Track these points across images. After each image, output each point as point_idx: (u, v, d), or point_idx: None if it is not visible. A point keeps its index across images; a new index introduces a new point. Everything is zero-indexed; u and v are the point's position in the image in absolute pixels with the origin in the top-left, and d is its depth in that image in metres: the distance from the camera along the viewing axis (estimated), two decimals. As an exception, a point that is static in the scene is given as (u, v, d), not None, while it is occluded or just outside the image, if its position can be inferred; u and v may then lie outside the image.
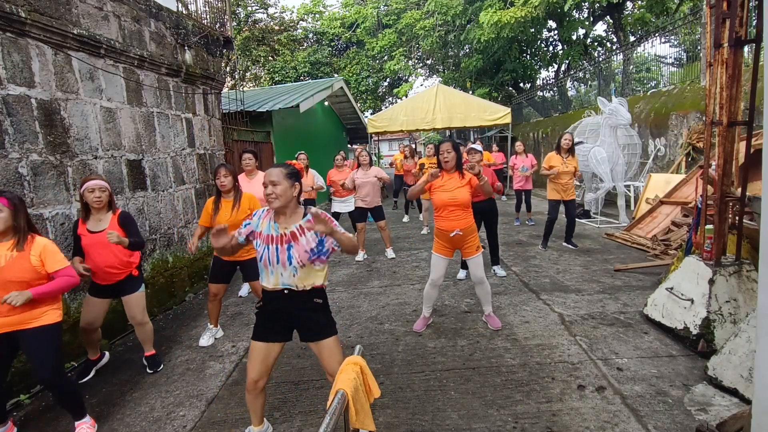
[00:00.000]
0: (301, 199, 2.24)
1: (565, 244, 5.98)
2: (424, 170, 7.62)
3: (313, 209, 2.09)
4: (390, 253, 6.16)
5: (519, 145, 7.89)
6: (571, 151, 5.76)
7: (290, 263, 2.07)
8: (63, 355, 3.16)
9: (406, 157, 9.15)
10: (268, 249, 2.09)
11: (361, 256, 6.08)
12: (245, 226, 2.21)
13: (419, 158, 9.64)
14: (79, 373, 3.24)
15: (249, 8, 18.68)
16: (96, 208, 2.96)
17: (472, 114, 11.26)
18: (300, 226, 2.11)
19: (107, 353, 3.49)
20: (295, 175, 2.12)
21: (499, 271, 4.98)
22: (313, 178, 6.06)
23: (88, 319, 3.10)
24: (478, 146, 4.68)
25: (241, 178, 4.55)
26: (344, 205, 6.66)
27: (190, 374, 3.21)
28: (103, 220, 2.99)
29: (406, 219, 9.14)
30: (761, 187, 1.68)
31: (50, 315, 2.36)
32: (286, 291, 2.12)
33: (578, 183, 7.34)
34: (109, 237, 2.81)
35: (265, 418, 2.39)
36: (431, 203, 3.64)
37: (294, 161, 3.38)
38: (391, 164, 10.75)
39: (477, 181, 3.42)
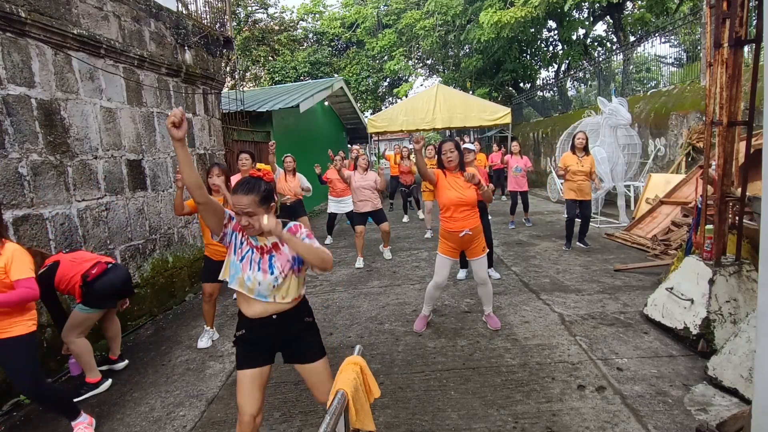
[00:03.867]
0: (289, 201, 2.06)
1: (578, 243, 5.98)
2: None
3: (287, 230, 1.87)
4: (387, 253, 6.12)
5: (515, 146, 7.79)
6: (586, 149, 5.79)
7: (271, 273, 1.88)
8: (57, 353, 3.17)
9: (403, 158, 9.12)
10: (252, 252, 1.90)
11: (360, 262, 5.88)
12: (228, 213, 1.94)
13: None
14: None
15: (249, 8, 18.67)
16: None
17: (472, 114, 11.24)
18: None
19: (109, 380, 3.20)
20: (268, 197, 1.87)
21: (494, 273, 4.95)
22: (299, 182, 5.81)
23: None
24: (471, 146, 4.64)
25: (238, 178, 4.53)
26: (340, 206, 6.61)
27: (190, 374, 3.21)
28: None
29: (405, 219, 9.13)
30: (761, 187, 1.68)
31: (21, 326, 2.26)
32: (274, 316, 1.93)
33: (601, 180, 7.23)
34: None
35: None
36: (435, 204, 3.55)
37: (261, 166, 3.13)
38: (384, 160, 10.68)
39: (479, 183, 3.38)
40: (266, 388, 2.01)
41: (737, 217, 3.12)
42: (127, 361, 3.43)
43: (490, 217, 5.02)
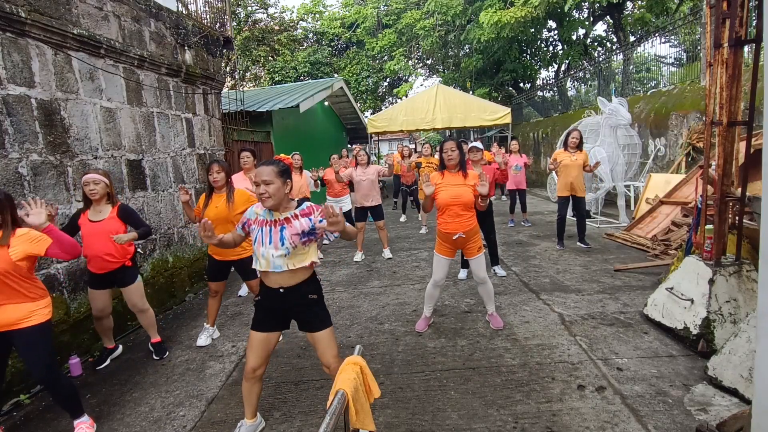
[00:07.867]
0: (295, 198, 2.32)
1: (578, 243, 5.94)
2: (421, 169, 7.61)
3: (323, 207, 2.14)
4: (387, 253, 6.14)
5: (514, 144, 7.82)
6: (579, 147, 5.77)
7: (282, 244, 2.12)
8: (57, 353, 3.20)
9: (403, 157, 9.14)
10: (262, 230, 2.17)
11: (359, 256, 6.07)
12: (242, 221, 2.31)
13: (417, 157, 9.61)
14: (96, 362, 3.46)
15: (249, 8, 18.66)
16: (94, 200, 3.12)
17: (472, 114, 11.24)
18: (294, 213, 2.19)
19: (120, 346, 3.68)
20: (286, 173, 2.17)
21: (500, 271, 4.98)
22: (306, 180, 6.03)
23: (97, 308, 3.33)
24: (479, 144, 4.67)
25: (240, 176, 4.56)
26: (338, 204, 6.68)
27: (190, 374, 3.21)
28: (103, 211, 3.18)
29: (403, 219, 9.16)
30: (761, 187, 1.68)
31: (39, 315, 2.41)
32: (281, 290, 2.20)
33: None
34: (117, 240, 3.07)
35: (258, 413, 2.46)
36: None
37: (284, 155, 3.43)
38: (389, 165, 10.66)
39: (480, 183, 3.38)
40: (272, 350, 2.36)
41: (737, 217, 3.12)
42: (121, 347, 3.69)
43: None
